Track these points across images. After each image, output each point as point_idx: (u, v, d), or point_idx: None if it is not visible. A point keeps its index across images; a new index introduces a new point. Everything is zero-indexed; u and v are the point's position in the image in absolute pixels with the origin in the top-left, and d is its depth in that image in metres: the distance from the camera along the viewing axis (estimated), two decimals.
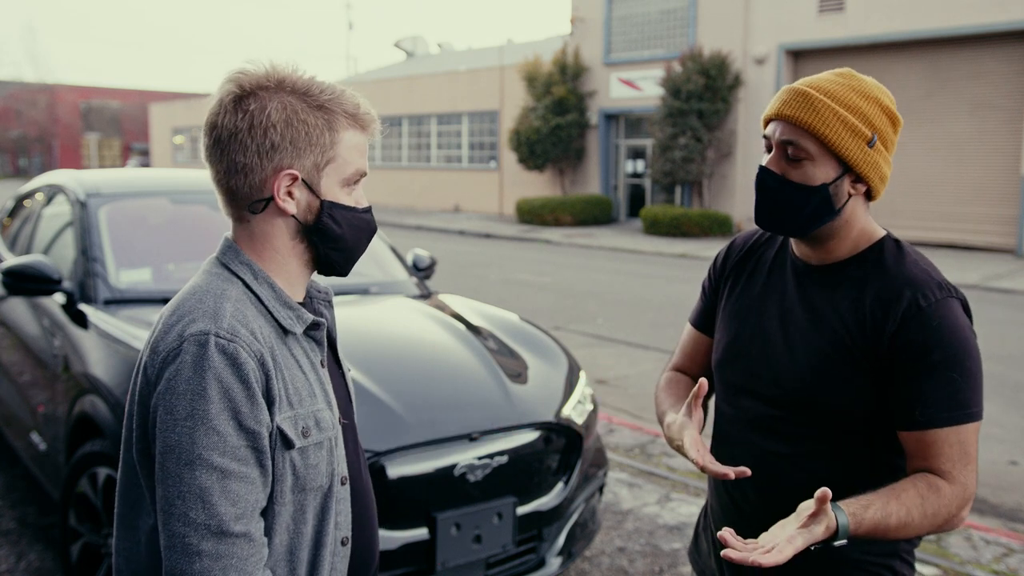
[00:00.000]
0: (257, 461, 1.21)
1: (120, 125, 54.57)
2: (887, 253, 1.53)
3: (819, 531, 1.31)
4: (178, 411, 1.17)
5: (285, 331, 1.31)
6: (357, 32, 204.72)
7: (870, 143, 1.46)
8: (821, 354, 1.51)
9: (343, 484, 1.36)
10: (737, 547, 1.30)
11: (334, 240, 1.33)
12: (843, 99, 1.47)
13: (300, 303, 1.38)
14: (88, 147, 53.64)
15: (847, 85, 1.49)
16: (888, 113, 1.51)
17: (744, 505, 1.63)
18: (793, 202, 1.49)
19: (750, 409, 1.59)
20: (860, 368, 1.47)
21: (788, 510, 1.53)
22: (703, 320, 1.78)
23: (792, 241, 1.62)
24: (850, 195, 1.50)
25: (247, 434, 1.20)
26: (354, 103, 1.32)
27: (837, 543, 1.34)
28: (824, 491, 1.30)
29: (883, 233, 1.56)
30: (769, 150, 1.53)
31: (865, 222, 1.55)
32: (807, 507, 1.33)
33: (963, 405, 1.42)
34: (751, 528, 1.60)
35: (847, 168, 1.48)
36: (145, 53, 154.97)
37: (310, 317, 1.34)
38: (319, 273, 1.39)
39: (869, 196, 1.55)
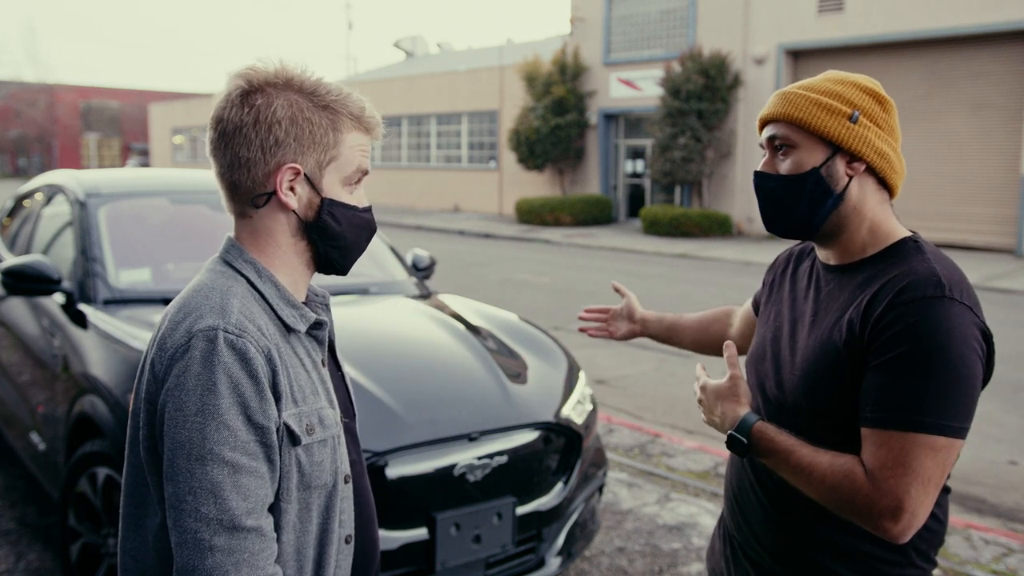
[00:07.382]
0: (266, 456, 1.22)
1: (120, 125, 54.53)
2: (903, 251, 1.46)
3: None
4: (188, 407, 1.17)
5: (288, 329, 1.32)
6: (357, 32, 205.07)
7: (851, 118, 1.45)
8: (812, 353, 1.47)
9: (346, 482, 1.37)
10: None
11: (333, 238, 1.34)
12: (817, 87, 1.50)
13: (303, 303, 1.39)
14: (88, 147, 53.60)
15: (826, 77, 1.52)
16: (870, 92, 1.49)
17: (746, 507, 1.62)
18: (789, 194, 1.49)
19: (764, 412, 1.58)
20: (846, 368, 1.41)
21: (787, 515, 1.52)
22: (754, 303, 1.88)
23: (815, 245, 1.61)
24: (849, 177, 1.47)
25: (256, 429, 1.20)
26: (359, 106, 1.33)
27: (735, 434, 1.47)
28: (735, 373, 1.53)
29: (906, 234, 1.49)
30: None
31: (883, 218, 1.50)
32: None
33: (915, 411, 1.31)
34: (751, 530, 1.60)
35: (835, 147, 1.46)
36: (145, 53, 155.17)
37: (313, 316, 1.35)
38: (318, 271, 1.40)
39: (885, 186, 1.50)
